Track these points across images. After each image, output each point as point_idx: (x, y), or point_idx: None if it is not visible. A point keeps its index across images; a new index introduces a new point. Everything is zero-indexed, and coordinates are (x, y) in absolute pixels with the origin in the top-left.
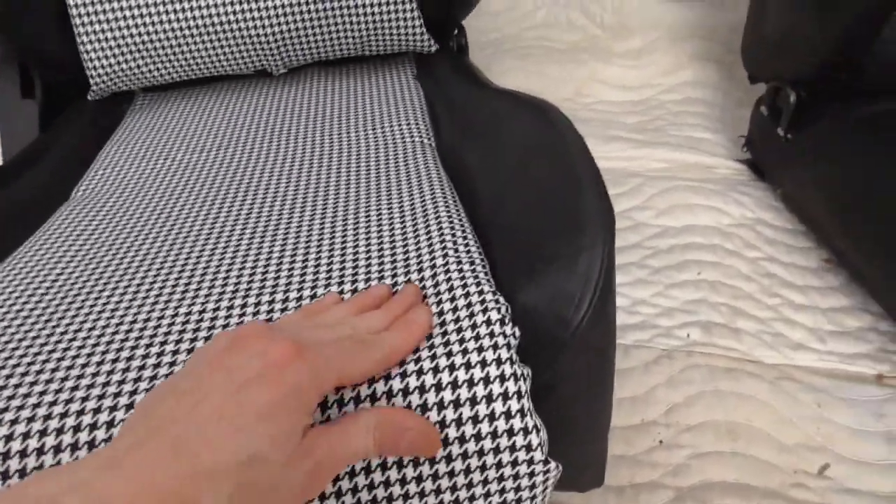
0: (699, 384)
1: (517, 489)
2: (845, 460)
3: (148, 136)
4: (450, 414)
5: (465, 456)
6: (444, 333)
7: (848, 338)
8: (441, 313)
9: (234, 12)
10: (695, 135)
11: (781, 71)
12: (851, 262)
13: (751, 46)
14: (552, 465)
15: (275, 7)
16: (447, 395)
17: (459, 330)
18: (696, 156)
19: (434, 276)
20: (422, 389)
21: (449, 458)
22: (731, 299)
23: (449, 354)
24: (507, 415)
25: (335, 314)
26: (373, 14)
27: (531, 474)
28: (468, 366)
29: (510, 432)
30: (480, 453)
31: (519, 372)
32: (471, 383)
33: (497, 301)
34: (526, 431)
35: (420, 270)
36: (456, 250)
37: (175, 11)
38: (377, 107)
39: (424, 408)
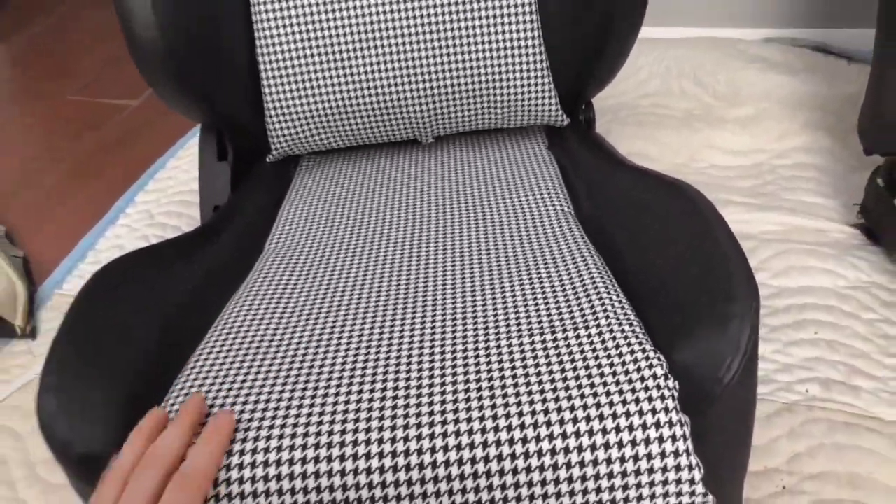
0: (819, 437)
1: None
2: None
3: (318, 196)
4: (627, 453)
5: (638, 487)
6: (613, 385)
7: None
8: (602, 366)
9: (396, 91)
10: (807, 199)
11: None
12: None
13: (869, 122)
14: (710, 497)
15: (429, 88)
16: (625, 437)
17: (630, 382)
18: (810, 220)
19: (600, 334)
20: (602, 432)
21: (626, 489)
22: (848, 358)
23: (622, 403)
24: (676, 454)
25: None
26: (514, 92)
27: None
28: (641, 413)
29: (678, 468)
30: (652, 485)
31: (681, 419)
32: (644, 427)
33: (659, 358)
34: (690, 468)
35: (576, 328)
36: (615, 312)
37: (348, 91)
38: (516, 174)
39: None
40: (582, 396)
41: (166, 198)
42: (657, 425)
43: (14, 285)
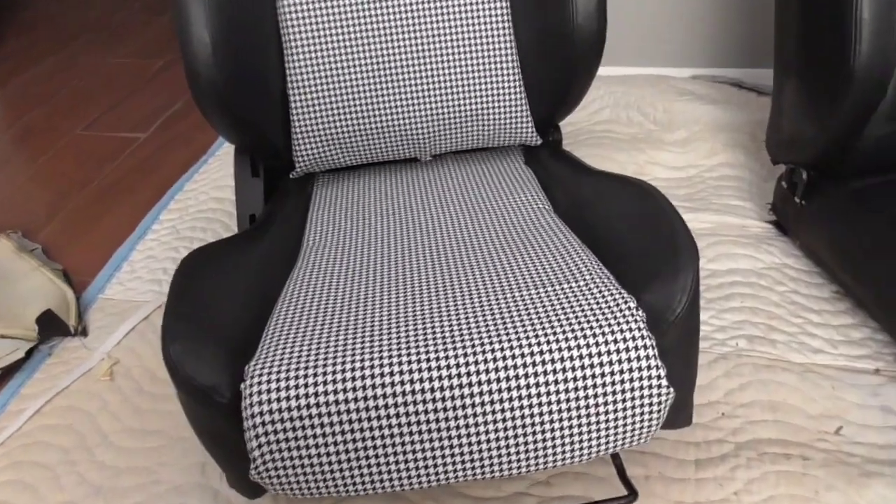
0: (748, 376)
1: (651, 403)
2: (853, 424)
3: (340, 203)
4: (614, 360)
5: (622, 383)
6: (599, 316)
7: (853, 345)
8: (590, 305)
9: (402, 118)
10: (731, 202)
11: (795, 158)
12: (854, 293)
13: (772, 140)
14: (671, 390)
15: (429, 116)
16: (611, 348)
17: (611, 313)
18: (734, 218)
19: (585, 285)
20: (594, 346)
21: (612, 385)
22: (766, 319)
23: (607, 326)
24: (647, 358)
25: None
26: (497, 118)
27: (659, 395)
28: (621, 332)
29: (648, 368)
30: (631, 381)
31: (649, 336)
32: (624, 341)
33: (630, 297)
34: (657, 368)
35: (566, 282)
36: (592, 270)
37: (363, 118)
38: (501, 183)
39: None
40: (575, 326)
41: (188, 215)
42: (633, 339)
43: (64, 292)
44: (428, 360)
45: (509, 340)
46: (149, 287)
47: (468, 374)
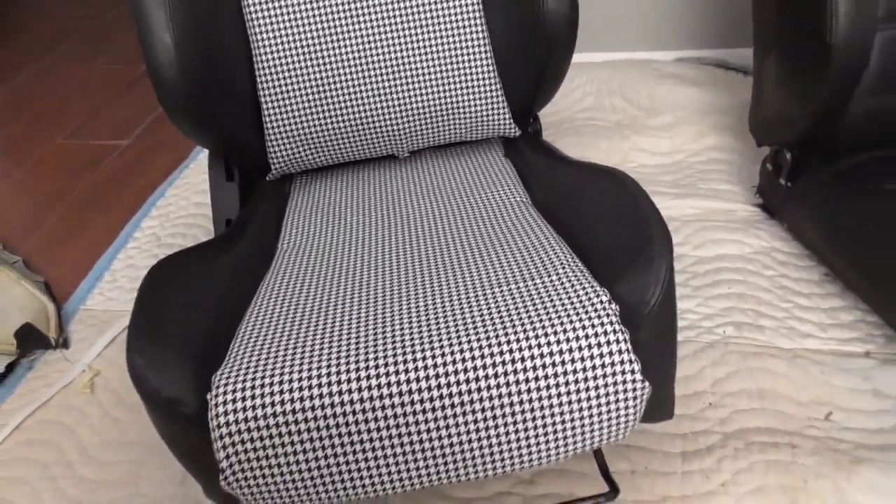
0: (735, 364)
1: (626, 398)
2: (843, 409)
3: (316, 204)
4: (586, 355)
5: (596, 378)
6: (572, 311)
7: (843, 328)
8: (563, 300)
9: (377, 115)
10: (718, 187)
11: (779, 138)
12: (843, 275)
13: (755, 121)
14: (646, 384)
15: (404, 112)
16: (584, 343)
17: (584, 307)
18: (721, 203)
19: (558, 279)
20: (567, 342)
21: (585, 381)
22: (754, 305)
23: (580, 321)
24: (620, 353)
25: None
26: (474, 111)
27: (634, 390)
28: (594, 327)
29: (622, 363)
30: (605, 376)
31: (622, 330)
32: (596, 335)
33: (603, 290)
34: (631, 362)
35: (540, 277)
36: (566, 264)
37: (337, 116)
38: (480, 176)
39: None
40: (549, 319)
41: (169, 222)
42: (605, 334)
43: (44, 304)
44: (396, 363)
45: (479, 342)
46: (129, 296)
47: (441, 375)
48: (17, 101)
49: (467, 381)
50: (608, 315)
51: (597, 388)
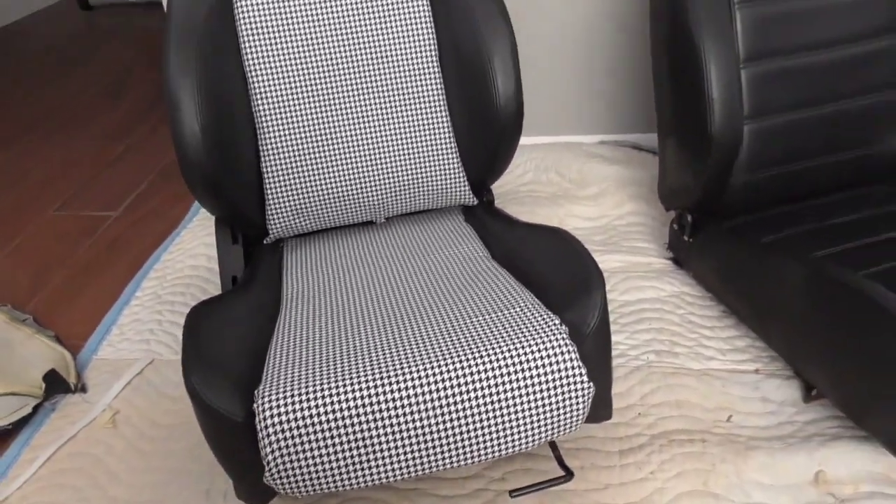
0: (657, 382)
1: (576, 397)
2: (740, 412)
3: (307, 264)
4: (543, 364)
5: (549, 383)
6: (528, 333)
7: (738, 351)
8: (520, 325)
9: (360, 189)
10: (637, 244)
11: (681, 204)
12: (736, 310)
13: (662, 191)
14: (591, 385)
15: (383, 187)
16: (539, 356)
17: (539, 329)
18: (640, 257)
19: (515, 310)
20: (524, 356)
21: (545, 384)
22: (670, 336)
23: (536, 339)
24: (570, 361)
25: None
26: (439, 185)
27: (582, 390)
28: (547, 343)
29: (572, 368)
30: (556, 380)
31: (570, 344)
32: (550, 349)
33: (556, 317)
34: (579, 368)
35: (499, 310)
36: (522, 299)
37: (327, 191)
38: (444, 237)
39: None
40: (510, 343)
41: (168, 282)
42: (558, 347)
43: (62, 353)
44: (396, 378)
45: (460, 360)
46: (138, 346)
47: (429, 384)
48: (4, 177)
49: (450, 388)
50: (560, 334)
51: (554, 388)
